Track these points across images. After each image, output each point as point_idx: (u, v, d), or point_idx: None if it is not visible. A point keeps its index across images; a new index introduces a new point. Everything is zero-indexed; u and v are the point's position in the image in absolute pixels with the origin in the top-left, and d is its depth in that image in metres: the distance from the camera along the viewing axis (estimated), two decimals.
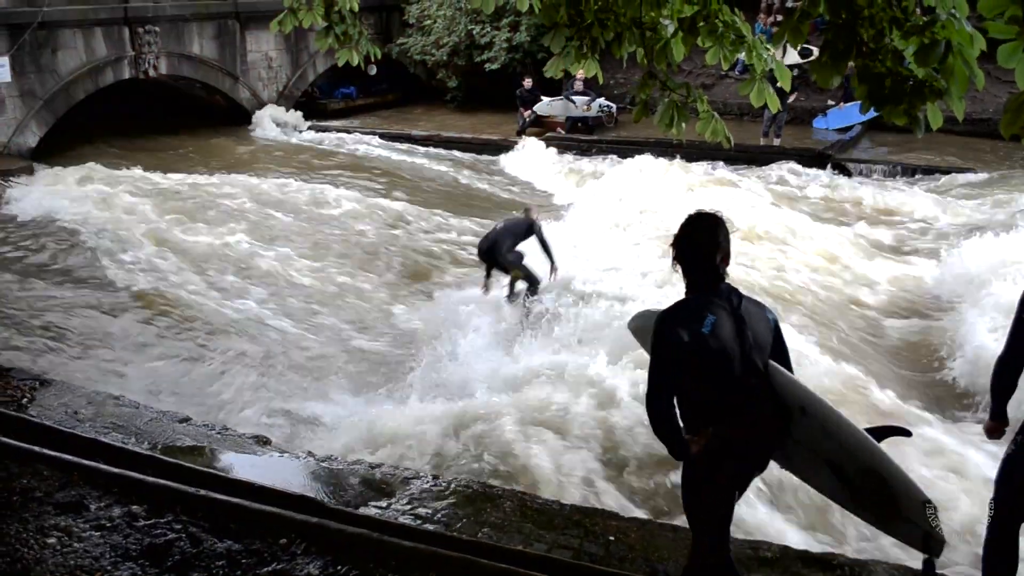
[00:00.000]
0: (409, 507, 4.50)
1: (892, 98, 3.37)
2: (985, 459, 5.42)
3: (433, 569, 3.75)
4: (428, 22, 20.25)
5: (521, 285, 8.93)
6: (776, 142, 15.77)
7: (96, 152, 15.48)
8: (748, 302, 3.20)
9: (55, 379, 6.16)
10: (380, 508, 4.48)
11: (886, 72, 3.34)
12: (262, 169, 14.73)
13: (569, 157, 16.23)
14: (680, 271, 3.18)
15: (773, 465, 3.44)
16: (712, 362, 3.06)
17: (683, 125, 4.85)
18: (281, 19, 5.99)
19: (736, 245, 3.37)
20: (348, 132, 18.50)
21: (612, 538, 4.25)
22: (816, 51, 3.82)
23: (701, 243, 3.11)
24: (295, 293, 9.49)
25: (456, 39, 19.49)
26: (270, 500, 4.17)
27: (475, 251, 9.60)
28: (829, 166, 14.84)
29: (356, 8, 6.03)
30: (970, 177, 13.89)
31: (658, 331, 3.10)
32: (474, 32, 19.17)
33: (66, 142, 15.45)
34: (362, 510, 4.39)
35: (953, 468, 5.60)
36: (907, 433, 3.51)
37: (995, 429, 3.71)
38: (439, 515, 4.43)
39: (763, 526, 5.09)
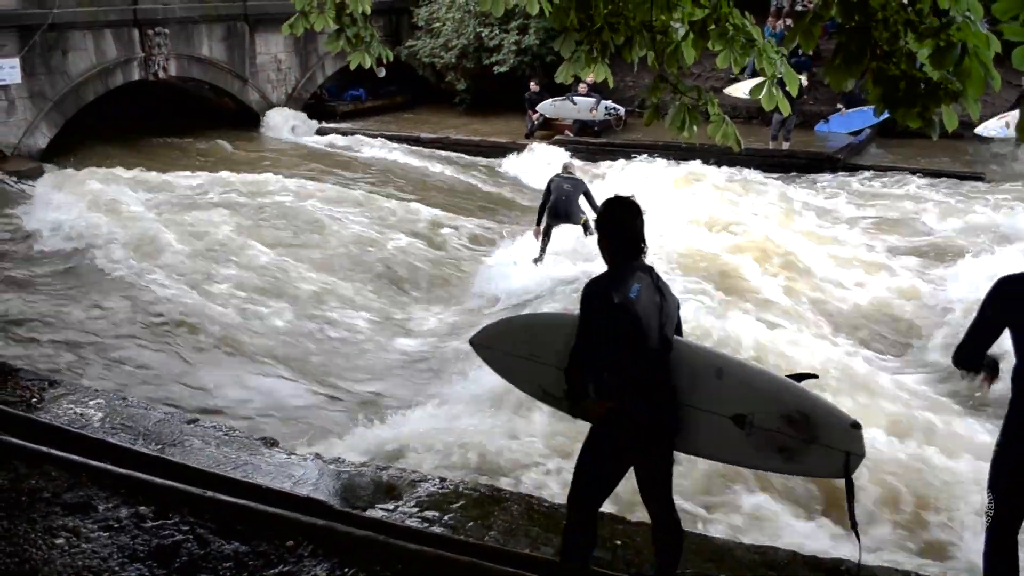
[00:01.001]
0: (416, 510, 4.48)
1: (906, 101, 3.35)
2: None
3: (440, 572, 3.73)
4: (437, 24, 20.26)
5: (590, 228, 10.10)
6: (785, 146, 15.74)
7: (105, 153, 15.53)
8: (662, 281, 3.46)
9: (63, 380, 6.17)
10: (387, 511, 4.46)
11: (900, 75, 3.32)
12: (271, 171, 14.74)
13: (578, 161, 16.17)
14: (604, 249, 3.44)
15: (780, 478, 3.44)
16: (634, 327, 3.29)
17: (695, 128, 4.84)
18: (292, 22, 5.99)
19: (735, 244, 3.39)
20: (357, 134, 18.51)
21: (619, 542, 4.23)
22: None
23: (624, 223, 3.39)
24: (304, 295, 9.49)
25: (465, 42, 19.49)
26: (277, 502, 4.15)
27: (478, 248, 9.82)
28: (839, 170, 14.81)
29: (368, 11, 6.03)
30: (979, 183, 13.84)
31: (589, 294, 3.34)
32: (483, 35, 19.17)
33: (76, 143, 15.50)
34: (369, 512, 4.38)
35: None
36: (815, 376, 3.74)
37: (988, 380, 3.66)
38: (446, 518, 4.41)
39: (772, 531, 5.09)
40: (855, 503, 3.37)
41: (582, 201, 10.51)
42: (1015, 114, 13.63)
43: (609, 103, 17.42)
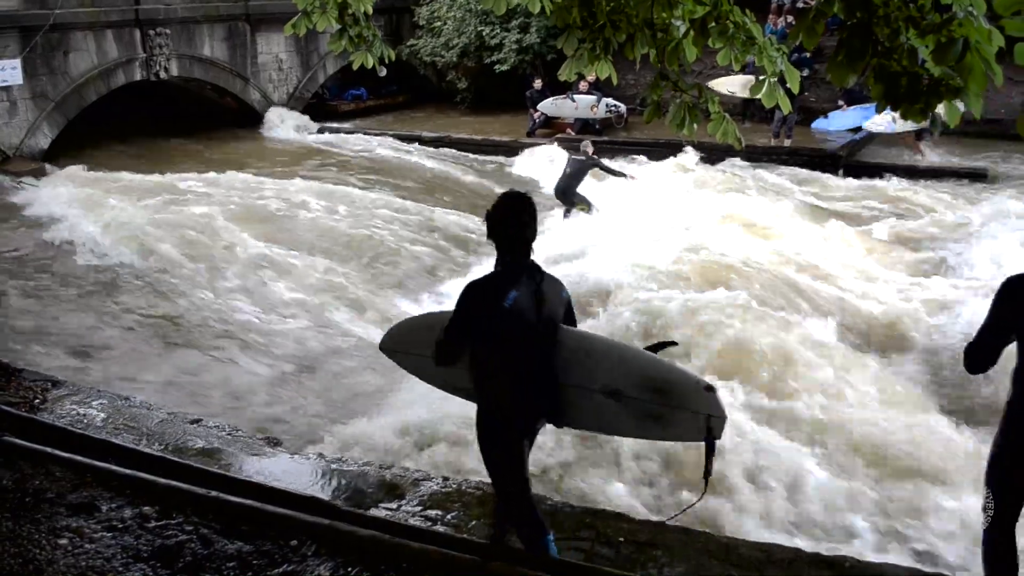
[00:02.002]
0: (420, 509, 4.49)
1: (908, 97, 3.34)
2: None
3: (444, 571, 3.74)
4: (438, 24, 20.25)
5: (584, 213, 11.90)
6: (787, 143, 15.72)
7: (107, 154, 15.53)
8: (548, 279, 3.55)
9: (65, 380, 6.17)
10: (391, 510, 4.47)
11: (902, 71, 3.32)
12: (273, 170, 14.74)
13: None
14: (495, 246, 3.48)
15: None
16: (508, 333, 3.41)
17: (695, 126, 4.84)
18: (295, 22, 6.00)
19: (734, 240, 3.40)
20: (358, 133, 18.51)
21: (622, 540, 4.23)
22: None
23: (513, 222, 3.42)
24: (306, 293, 9.49)
25: (466, 40, 19.48)
26: (281, 501, 4.16)
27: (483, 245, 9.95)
28: (840, 168, 14.81)
29: (370, 11, 6.04)
30: (982, 179, 13.82)
31: (464, 297, 3.45)
32: (484, 33, 19.15)
33: (77, 144, 15.49)
34: (372, 512, 4.38)
35: None
36: (674, 343, 4.08)
37: None
38: (449, 517, 4.41)
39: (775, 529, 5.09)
40: (712, 463, 3.54)
41: (586, 183, 12.01)
42: None
43: (610, 101, 17.40)
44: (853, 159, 15.15)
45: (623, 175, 12.50)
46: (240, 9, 18.30)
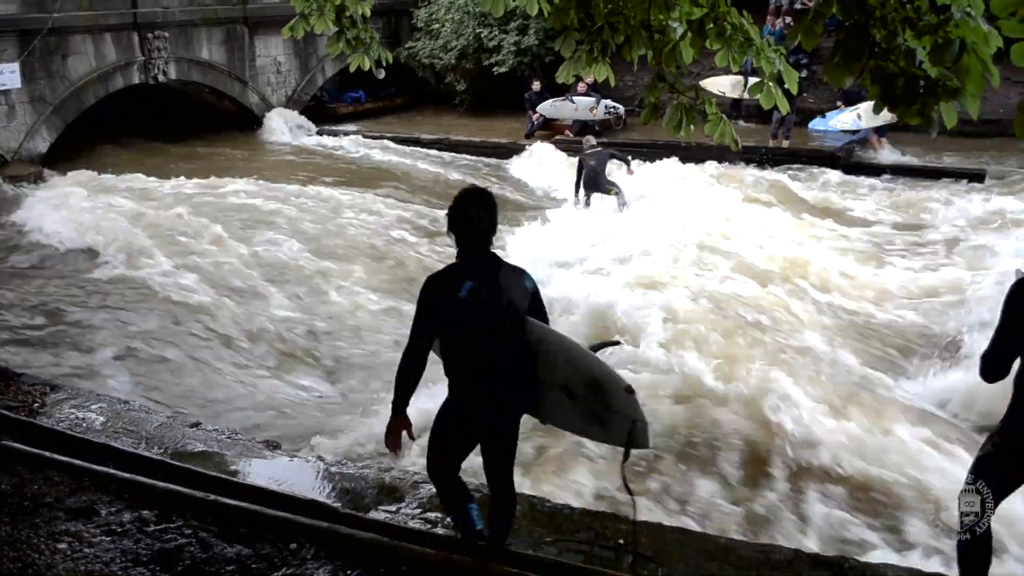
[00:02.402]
0: (419, 511, 4.48)
1: (905, 98, 3.35)
2: None
3: (443, 573, 3.74)
4: (436, 26, 20.25)
5: (622, 195, 12.56)
6: (785, 144, 15.71)
7: (106, 157, 15.54)
8: (507, 269, 3.58)
9: (64, 384, 6.17)
10: (390, 512, 4.46)
11: (899, 72, 3.32)
12: (272, 173, 14.74)
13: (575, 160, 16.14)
14: (454, 240, 3.54)
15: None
16: (467, 323, 3.48)
17: (691, 127, 4.85)
18: (293, 25, 6.02)
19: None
20: (357, 135, 18.52)
21: (622, 541, 4.23)
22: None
23: (472, 216, 3.47)
24: (307, 295, 9.49)
25: (464, 42, 19.47)
26: (280, 505, 4.16)
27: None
28: (838, 169, 14.82)
29: (368, 13, 6.04)
30: (979, 179, 13.82)
31: (423, 289, 3.53)
32: (482, 35, 19.15)
33: (76, 147, 15.49)
34: (372, 514, 4.38)
35: None
36: (618, 343, 4.16)
37: None
38: (449, 519, 4.41)
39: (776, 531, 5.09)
40: (627, 478, 3.61)
41: (611, 170, 12.75)
42: (867, 105, 13.68)
43: (609, 102, 17.41)
44: (851, 159, 15.14)
45: (628, 162, 12.98)
46: (238, 12, 18.30)
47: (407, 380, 3.54)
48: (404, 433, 3.58)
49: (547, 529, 4.33)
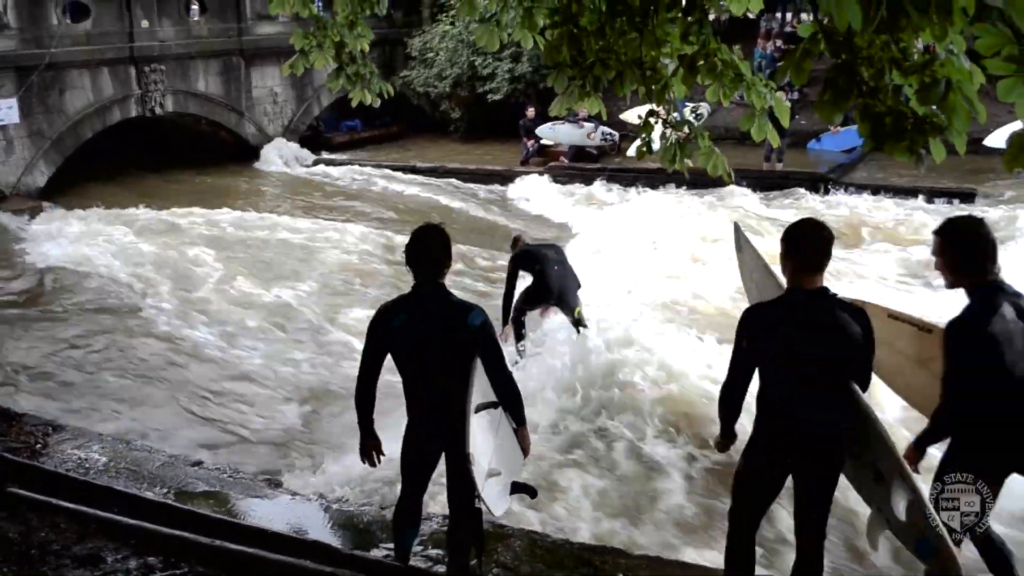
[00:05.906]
0: (420, 548, 4.49)
1: (894, 135, 3.40)
2: None
3: None
4: (431, 54, 20.42)
5: (584, 318, 7.68)
6: (779, 167, 15.81)
7: (103, 190, 15.61)
8: (452, 305, 3.66)
9: (66, 424, 6.19)
10: (391, 550, 4.46)
11: (887, 111, 3.37)
12: (270, 204, 14.85)
13: (574, 187, 16.21)
14: (412, 272, 3.69)
15: None
16: (398, 353, 3.65)
17: (687, 161, 4.91)
18: (293, 62, 6.07)
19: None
20: (353, 165, 18.61)
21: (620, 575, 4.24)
22: None
23: (425, 249, 3.65)
24: (300, 326, 9.50)
25: (459, 71, 19.64)
26: (284, 548, 4.17)
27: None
28: (830, 190, 14.90)
29: (367, 48, 6.10)
30: (970, 199, 13.91)
31: (373, 320, 3.71)
32: (476, 63, 19.30)
33: (74, 182, 15.58)
34: (374, 552, 4.40)
35: None
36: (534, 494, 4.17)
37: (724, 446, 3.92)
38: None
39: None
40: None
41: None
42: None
43: (605, 129, 17.50)
44: (842, 180, 15.22)
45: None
46: (234, 44, 18.43)
47: (360, 404, 3.78)
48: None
49: (547, 565, 4.34)
